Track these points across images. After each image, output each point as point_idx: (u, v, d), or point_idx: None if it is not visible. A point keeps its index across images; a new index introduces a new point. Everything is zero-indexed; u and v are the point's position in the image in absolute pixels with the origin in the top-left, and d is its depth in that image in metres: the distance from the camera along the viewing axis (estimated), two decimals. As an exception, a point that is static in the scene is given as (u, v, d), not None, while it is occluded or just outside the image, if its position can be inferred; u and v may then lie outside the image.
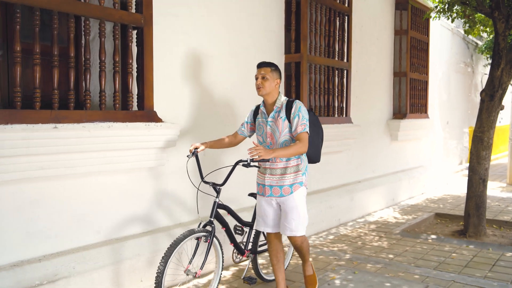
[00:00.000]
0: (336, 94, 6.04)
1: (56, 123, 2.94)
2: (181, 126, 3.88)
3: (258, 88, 3.21)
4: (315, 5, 5.51)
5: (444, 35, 10.48)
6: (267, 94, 3.22)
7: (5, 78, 3.08)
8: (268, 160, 3.02)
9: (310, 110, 3.38)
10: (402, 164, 8.18)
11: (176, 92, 4.00)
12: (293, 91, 5.40)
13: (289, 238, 3.33)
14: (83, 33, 3.17)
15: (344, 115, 6.20)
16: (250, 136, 3.55)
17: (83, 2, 3.10)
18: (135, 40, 3.55)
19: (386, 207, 7.25)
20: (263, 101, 3.32)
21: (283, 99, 3.26)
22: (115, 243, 3.45)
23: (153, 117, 3.56)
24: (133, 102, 3.49)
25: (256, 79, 3.23)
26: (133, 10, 3.48)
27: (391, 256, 4.73)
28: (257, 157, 2.91)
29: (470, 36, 12.66)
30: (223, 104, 4.49)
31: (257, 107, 3.44)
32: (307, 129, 3.15)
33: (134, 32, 3.54)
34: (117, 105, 3.36)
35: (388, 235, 5.57)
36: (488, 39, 12.32)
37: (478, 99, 14.12)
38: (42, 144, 2.90)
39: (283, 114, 3.19)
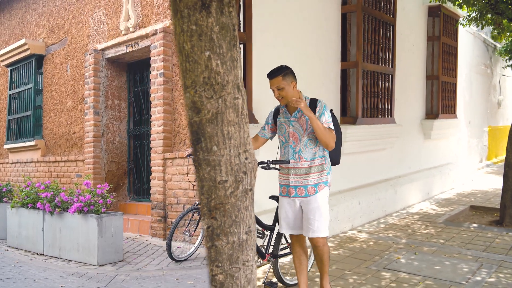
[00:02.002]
0: (383, 96, 6.67)
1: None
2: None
3: (279, 100, 3.17)
4: (367, 17, 6.14)
5: (467, 39, 11.08)
6: (289, 101, 3.15)
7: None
8: (288, 162, 3.17)
9: (330, 111, 3.34)
10: (434, 161, 8.80)
11: (263, 96, 4.64)
12: (348, 95, 6.04)
13: (311, 240, 3.30)
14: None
15: (389, 116, 6.83)
16: (271, 138, 3.47)
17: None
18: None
19: (423, 200, 7.87)
20: None
21: (305, 99, 3.21)
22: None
23: (252, 119, 4.21)
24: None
25: (273, 91, 3.15)
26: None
27: (441, 241, 5.35)
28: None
29: (490, 39, 13.27)
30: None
31: (277, 108, 3.38)
32: (332, 127, 3.15)
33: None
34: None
35: (433, 224, 6.19)
36: (507, 41, 12.91)
37: (496, 99, 14.71)
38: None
39: None
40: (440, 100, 8.59)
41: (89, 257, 4.96)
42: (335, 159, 3.40)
